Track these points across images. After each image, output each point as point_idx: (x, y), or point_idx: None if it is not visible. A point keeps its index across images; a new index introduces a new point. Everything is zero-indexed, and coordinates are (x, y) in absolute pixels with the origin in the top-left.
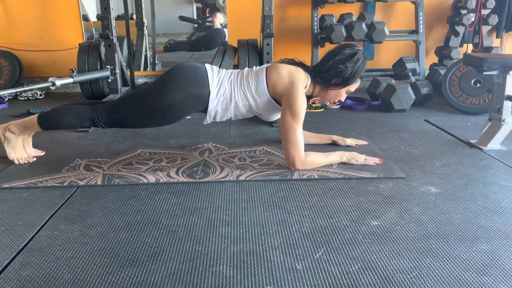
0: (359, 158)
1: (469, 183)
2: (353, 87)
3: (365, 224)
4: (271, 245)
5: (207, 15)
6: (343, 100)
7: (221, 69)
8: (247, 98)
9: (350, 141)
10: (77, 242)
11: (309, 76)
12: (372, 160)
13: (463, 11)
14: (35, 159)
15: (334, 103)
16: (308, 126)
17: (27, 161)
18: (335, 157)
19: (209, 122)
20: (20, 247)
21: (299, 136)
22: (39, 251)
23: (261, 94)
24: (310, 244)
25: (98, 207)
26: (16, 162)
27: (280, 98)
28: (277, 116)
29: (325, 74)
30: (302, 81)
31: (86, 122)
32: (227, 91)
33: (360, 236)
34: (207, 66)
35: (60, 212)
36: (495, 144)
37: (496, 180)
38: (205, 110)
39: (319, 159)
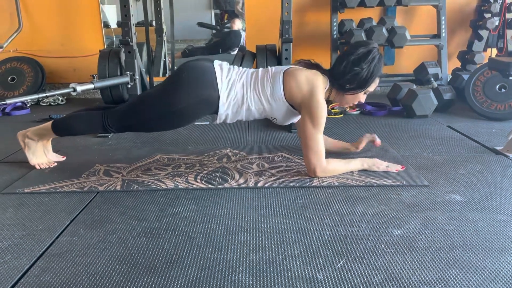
0: (381, 165)
1: (495, 191)
2: (372, 87)
3: (388, 233)
4: (291, 253)
5: (226, 21)
6: (363, 101)
7: (232, 66)
8: (261, 102)
9: (363, 143)
10: (96, 248)
11: (328, 80)
12: (394, 167)
13: (487, 15)
14: (55, 164)
15: (354, 108)
16: (327, 132)
17: (48, 166)
18: (357, 164)
19: (218, 123)
20: (40, 252)
21: (320, 143)
22: (59, 256)
23: (277, 99)
24: (331, 253)
25: (117, 213)
26: (37, 167)
27: (298, 106)
28: (292, 121)
29: (341, 80)
30: (321, 88)
31: (98, 129)
32: (238, 94)
33: (383, 246)
34: (216, 65)
35: (80, 217)
36: None
37: None
38: (215, 112)
39: (340, 166)
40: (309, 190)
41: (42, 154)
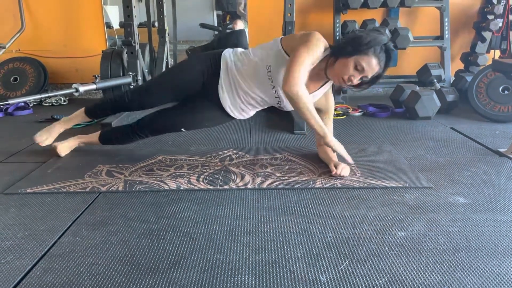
0: (340, 148)
1: (499, 193)
2: (363, 60)
3: (391, 235)
4: (294, 255)
5: (228, 22)
6: (354, 80)
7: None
8: (253, 54)
9: (338, 171)
10: (99, 249)
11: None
12: (348, 158)
13: (490, 17)
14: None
15: (357, 109)
16: None
17: (46, 145)
18: (323, 129)
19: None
20: (42, 253)
21: (306, 64)
22: (61, 257)
23: (270, 46)
24: (334, 255)
25: (119, 214)
26: (36, 141)
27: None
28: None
29: (339, 44)
30: (320, 36)
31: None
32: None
33: (386, 248)
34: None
35: (82, 218)
36: None
37: None
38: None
39: (309, 109)
40: (312, 192)
41: (54, 137)
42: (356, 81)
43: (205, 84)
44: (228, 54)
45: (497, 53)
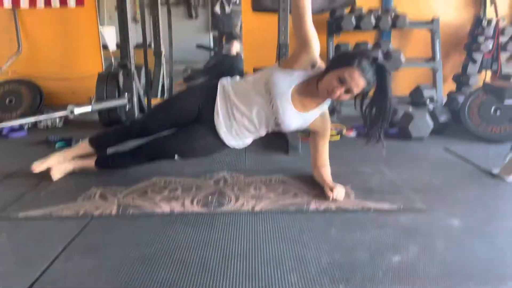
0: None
1: (493, 216)
2: (346, 72)
3: (386, 259)
4: (288, 281)
5: (224, 42)
6: (337, 93)
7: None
8: (250, 77)
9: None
10: (91, 275)
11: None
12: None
13: (481, 38)
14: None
15: (351, 129)
16: None
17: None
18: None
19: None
20: (33, 279)
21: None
22: (52, 284)
23: (267, 68)
24: (328, 281)
25: (112, 239)
26: (33, 168)
27: (293, 62)
28: (287, 83)
29: (330, 59)
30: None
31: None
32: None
33: (381, 273)
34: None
35: (74, 243)
36: None
37: None
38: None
39: None
40: (306, 215)
41: (52, 163)
42: (340, 93)
43: (201, 112)
44: (225, 80)
45: (488, 73)
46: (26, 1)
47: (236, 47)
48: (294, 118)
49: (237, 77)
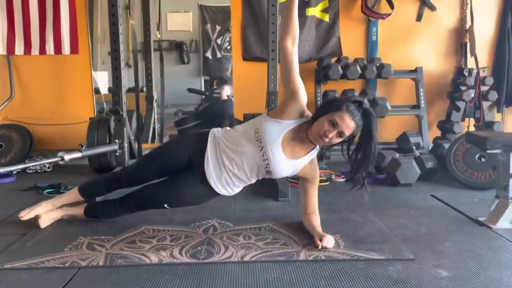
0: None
1: (481, 265)
2: (336, 115)
3: None
4: None
5: (215, 87)
6: (329, 136)
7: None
8: (240, 126)
9: (325, 243)
10: None
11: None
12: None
13: (463, 88)
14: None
15: (340, 175)
16: None
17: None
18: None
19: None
20: None
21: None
22: None
23: (257, 118)
24: None
25: None
26: (21, 216)
27: (282, 112)
28: (277, 142)
29: (319, 107)
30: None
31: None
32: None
33: None
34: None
35: None
36: (504, 222)
37: (509, 263)
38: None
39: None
40: (295, 265)
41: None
42: (332, 136)
43: (191, 160)
44: (216, 130)
45: (472, 121)
46: (21, 48)
47: (226, 91)
48: (285, 166)
49: (228, 127)
